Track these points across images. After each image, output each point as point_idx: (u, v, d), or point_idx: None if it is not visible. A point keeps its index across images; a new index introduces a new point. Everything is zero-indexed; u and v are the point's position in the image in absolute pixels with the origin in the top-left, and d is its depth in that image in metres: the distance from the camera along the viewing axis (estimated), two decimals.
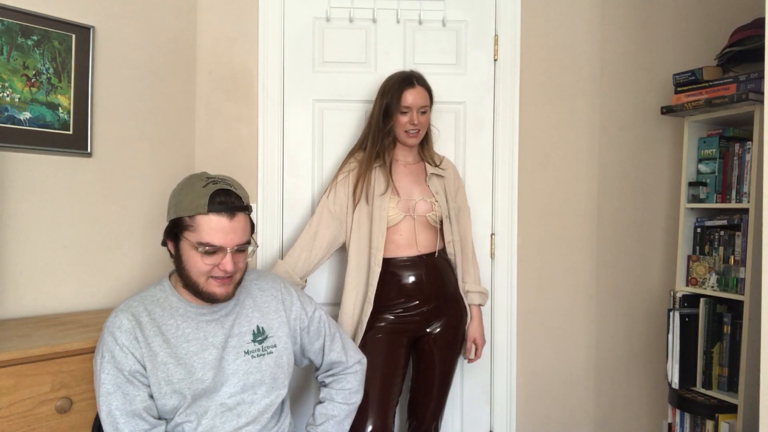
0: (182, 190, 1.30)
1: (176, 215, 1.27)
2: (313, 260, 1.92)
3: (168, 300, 1.34)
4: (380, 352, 1.81)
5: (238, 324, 1.37)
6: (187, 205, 1.25)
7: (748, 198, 1.88)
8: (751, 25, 1.98)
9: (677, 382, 1.99)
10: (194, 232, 1.25)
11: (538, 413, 2.32)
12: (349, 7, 2.22)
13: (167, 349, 1.29)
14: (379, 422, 1.75)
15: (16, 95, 1.71)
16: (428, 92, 1.90)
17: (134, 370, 1.26)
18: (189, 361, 1.29)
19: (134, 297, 1.36)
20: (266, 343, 1.38)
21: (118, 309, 1.32)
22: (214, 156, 2.23)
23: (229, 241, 1.26)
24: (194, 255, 1.26)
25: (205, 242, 1.24)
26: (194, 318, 1.33)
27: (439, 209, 1.90)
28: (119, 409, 1.24)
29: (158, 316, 1.31)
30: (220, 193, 1.26)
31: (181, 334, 1.31)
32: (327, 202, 1.92)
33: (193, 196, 1.25)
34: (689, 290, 2.03)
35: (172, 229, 1.30)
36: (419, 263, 1.87)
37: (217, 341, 1.33)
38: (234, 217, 1.26)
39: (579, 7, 2.30)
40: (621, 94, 2.31)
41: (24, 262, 1.75)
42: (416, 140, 1.91)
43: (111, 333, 1.28)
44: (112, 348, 1.26)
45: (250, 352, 1.35)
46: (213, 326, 1.34)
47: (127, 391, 1.25)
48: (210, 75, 2.23)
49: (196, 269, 1.27)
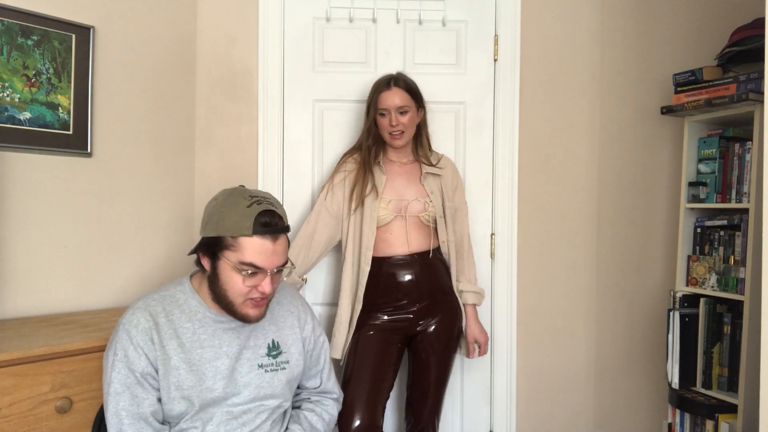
0: (224, 207, 1.25)
1: (217, 233, 1.23)
2: (312, 258, 1.94)
3: (188, 303, 1.31)
4: (371, 349, 1.83)
5: (254, 336, 1.34)
6: (231, 225, 1.21)
7: (748, 198, 1.88)
8: (751, 25, 1.98)
9: (677, 382, 1.99)
10: (236, 252, 1.21)
11: (538, 413, 2.32)
12: (349, 7, 2.22)
13: (181, 354, 1.26)
14: (367, 417, 1.76)
15: (16, 95, 1.71)
16: (409, 92, 1.89)
17: (146, 372, 1.24)
18: (201, 368, 1.27)
19: (152, 295, 1.32)
20: (280, 358, 1.36)
21: (135, 307, 1.29)
22: (214, 156, 2.23)
23: (271, 264, 1.24)
24: (234, 276, 1.23)
25: (248, 263, 1.21)
26: (211, 325, 1.30)
27: (432, 209, 1.91)
28: (126, 410, 1.22)
29: (176, 318, 1.28)
30: (265, 214, 1.22)
31: (197, 339, 1.28)
32: (325, 203, 1.94)
33: (238, 216, 1.21)
34: (689, 290, 2.03)
35: (209, 246, 1.25)
36: (412, 262, 1.88)
37: (231, 351, 1.30)
38: (277, 239, 1.24)
39: (579, 7, 2.30)
40: (621, 94, 2.31)
41: (24, 262, 1.75)
42: (401, 141, 1.91)
43: (127, 331, 1.25)
44: (126, 346, 1.23)
45: (263, 366, 1.33)
46: (229, 335, 1.31)
47: (136, 393, 1.23)
48: (210, 75, 2.23)
49: (235, 290, 1.24)
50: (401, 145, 1.93)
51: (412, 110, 1.90)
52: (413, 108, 1.91)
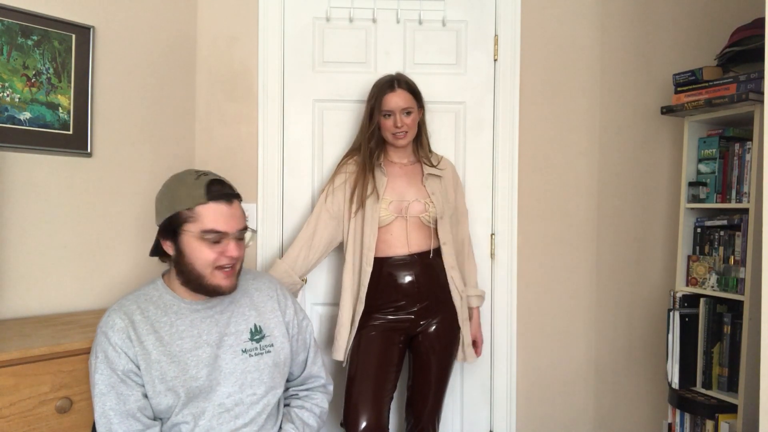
0: (172, 187, 1.30)
1: (173, 211, 1.27)
2: (312, 259, 1.94)
3: (162, 298, 1.34)
4: (374, 349, 1.83)
5: (235, 322, 1.36)
6: (185, 198, 1.26)
7: (748, 198, 1.88)
8: (751, 25, 1.98)
9: (677, 382, 1.99)
10: (196, 222, 1.25)
11: (538, 413, 2.32)
12: (349, 7, 2.22)
13: (161, 347, 1.28)
14: (373, 417, 1.76)
15: (16, 95, 1.71)
16: (413, 94, 1.91)
17: (127, 370, 1.25)
18: (182, 358, 1.29)
19: (127, 297, 1.35)
20: (264, 342, 1.38)
21: (110, 309, 1.32)
22: (214, 156, 2.23)
23: (232, 227, 1.28)
24: (199, 246, 1.26)
25: (209, 229, 1.25)
26: (188, 315, 1.33)
27: (433, 210, 1.91)
28: (113, 409, 1.24)
29: (152, 314, 1.31)
30: (214, 183, 1.28)
31: (175, 331, 1.30)
32: (325, 204, 1.95)
33: (189, 189, 1.27)
34: (689, 290, 2.03)
35: (168, 227, 1.29)
36: (412, 263, 1.88)
37: (211, 339, 1.32)
38: (232, 203, 1.29)
39: (579, 7, 2.30)
40: (621, 94, 2.31)
41: (24, 262, 1.75)
42: (405, 141, 1.92)
43: (104, 333, 1.27)
44: (105, 348, 1.26)
45: (247, 350, 1.35)
46: (207, 323, 1.33)
47: (120, 391, 1.25)
48: (210, 75, 2.23)
49: (203, 260, 1.27)
50: (404, 145, 1.94)
51: (415, 111, 1.92)
52: (416, 108, 1.92)
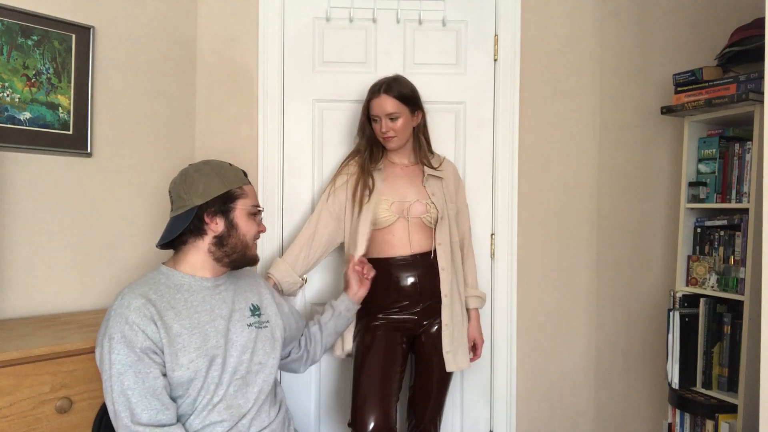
0: (215, 170, 1.43)
1: (228, 188, 1.40)
2: (312, 258, 1.94)
3: (171, 278, 1.38)
4: (379, 349, 1.83)
5: (238, 300, 1.46)
6: (233, 179, 1.42)
7: (748, 198, 1.88)
8: (751, 25, 1.98)
9: (677, 382, 1.99)
10: (246, 198, 1.44)
11: (538, 413, 2.32)
12: (349, 7, 2.22)
13: (180, 321, 1.32)
14: (381, 417, 1.76)
15: (16, 95, 1.71)
16: (400, 99, 1.88)
17: (145, 347, 1.26)
18: (203, 329, 1.34)
19: (135, 282, 1.36)
20: (262, 318, 1.49)
21: (122, 293, 1.32)
22: (214, 156, 2.22)
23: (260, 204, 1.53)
24: (249, 220, 1.44)
25: (255, 204, 1.46)
26: (200, 291, 1.39)
27: (434, 210, 1.91)
28: (131, 388, 1.23)
29: (165, 293, 1.34)
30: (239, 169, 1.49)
31: (191, 305, 1.36)
32: (326, 204, 1.95)
33: (234, 172, 1.44)
34: (689, 290, 2.04)
35: (221, 203, 1.39)
36: (415, 263, 1.88)
37: (223, 313, 1.40)
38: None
39: (579, 7, 2.30)
40: (621, 94, 2.31)
41: (24, 262, 1.75)
42: (394, 144, 1.92)
43: (119, 314, 1.27)
44: (122, 328, 1.26)
45: (251, 324, 1.45)
46: (217, 299, 1.41)
47: (138, 369, 1.25)
48: (210, 75, 2.23)
49: (251, 233, 1.45)
50: (394, 148, 1.94)
51: (405, 115, 1.89)
52: (405, 113, 1.90)
